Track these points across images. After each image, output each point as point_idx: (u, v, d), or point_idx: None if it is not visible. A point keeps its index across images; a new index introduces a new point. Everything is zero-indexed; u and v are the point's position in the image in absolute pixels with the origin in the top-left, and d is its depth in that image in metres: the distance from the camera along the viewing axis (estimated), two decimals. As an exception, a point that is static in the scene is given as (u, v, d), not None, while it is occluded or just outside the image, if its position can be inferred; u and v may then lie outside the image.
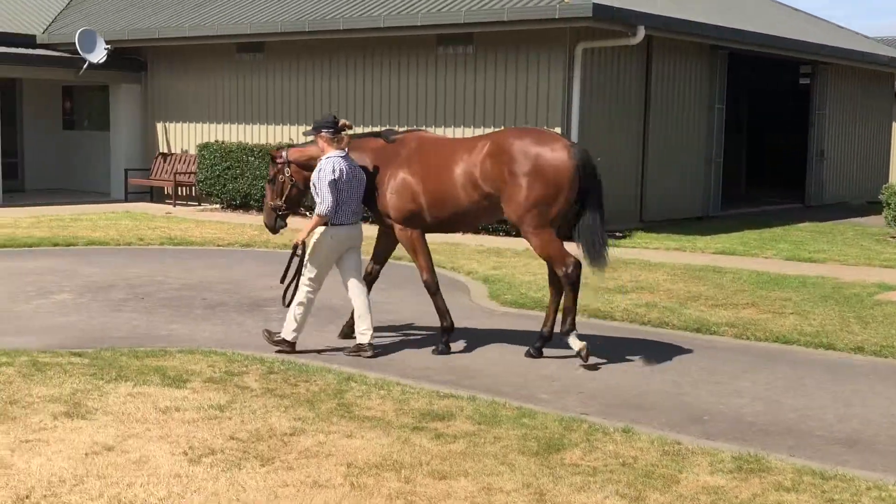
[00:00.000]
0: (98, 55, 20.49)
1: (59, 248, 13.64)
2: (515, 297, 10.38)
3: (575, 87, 15.93)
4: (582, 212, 7.71)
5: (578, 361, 7.77)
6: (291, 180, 8.24)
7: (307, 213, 7.98)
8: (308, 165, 8.10)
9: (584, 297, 8.66)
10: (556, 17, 15.03)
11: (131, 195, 21.32)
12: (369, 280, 8.46)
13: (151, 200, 21.27)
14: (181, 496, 4.74)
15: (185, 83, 21.17)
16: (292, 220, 9.14)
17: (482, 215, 8.16)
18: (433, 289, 8.19)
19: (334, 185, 7.65)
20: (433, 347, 8.11)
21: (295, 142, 18.65)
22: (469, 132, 17.09)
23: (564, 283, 7.79)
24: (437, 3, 16.70)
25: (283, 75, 19.54)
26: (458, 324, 9.12)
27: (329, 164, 7.71)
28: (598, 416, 6.32)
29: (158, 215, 18.23)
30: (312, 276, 7.89)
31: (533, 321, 9.38)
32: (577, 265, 7.74)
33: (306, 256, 7.84)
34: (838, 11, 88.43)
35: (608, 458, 5.46)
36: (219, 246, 14.29)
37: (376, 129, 17.17)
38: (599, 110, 16.68)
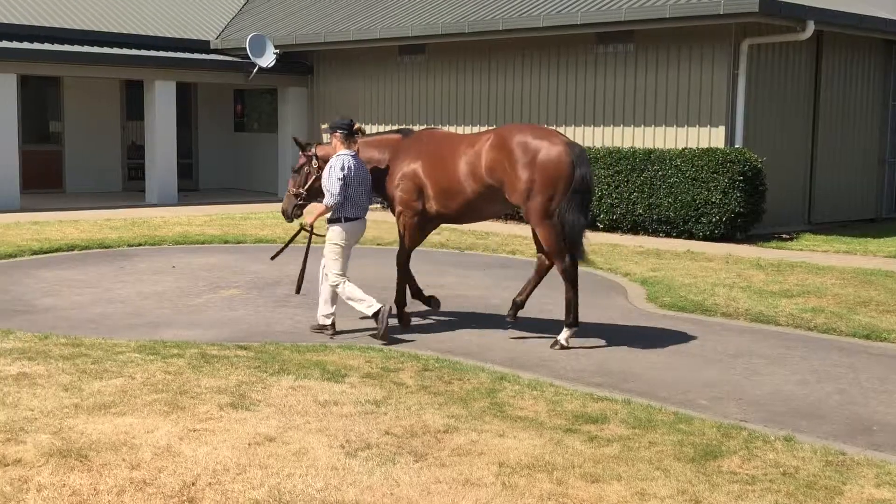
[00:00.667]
0: (267, 59, 21.26)
1: (229, 246, 14.21)
2: (675, 300, 10.18)
3: (740, 85, 15.49)
4: (569, 209, 7.97)
5: (740, 367, 7.57)
6: (317, 172, 8.85)
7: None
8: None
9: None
10: (721, 12, 14.64)
11: (297, 195, 21.99)
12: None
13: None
14: (338, 488, 4.85)
15: (348, 85, 21.70)
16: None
17: (485, 206, 8.54)
18: (402, 264, 8.99)
19: (343, 181, 8.23)
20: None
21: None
22: (629, 131, 16.88)
23: (564, 279, 8.17)
24: (597, 2, 16.54)
25: (443, 76, 19.77)
26: (614, 326, 9.03)
27: (339, 162, 8.30)
28: (759, 424, 6.13)
29: (322, 214, 18.72)
30: (338, 269, 8.50)
31: (693, 325, 9.18)
32: (575, 262, 8.14)
33: (325, 253, 8.56)
34: None
35: (768, 467, 5.28)
36: (378, 245, 14.57)
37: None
38: (766, 109, 16.16)
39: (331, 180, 8.28)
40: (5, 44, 18.89)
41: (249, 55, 21.09)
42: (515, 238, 15.35)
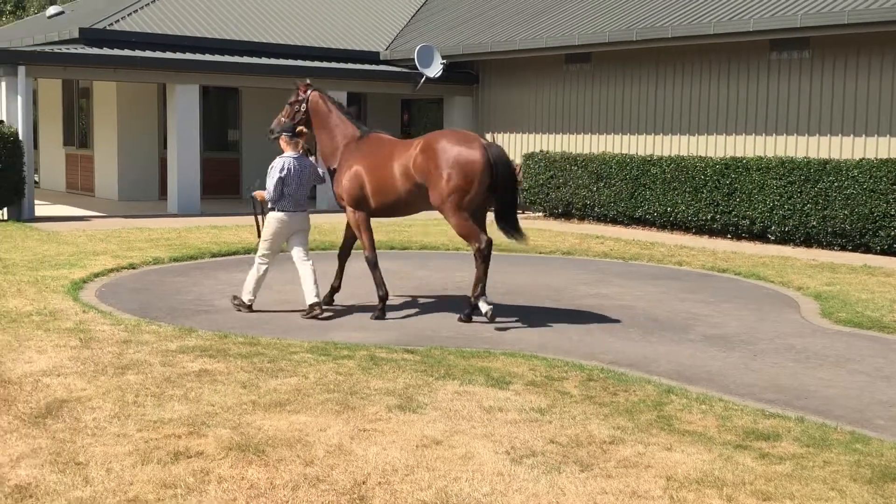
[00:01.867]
0: (434, 69, 21.62)
1: (395, 252, 14.52)
2: (850, 316, 9.78)
3: (924, 92, 14.78)
4: (497, 202, 9.17)
5: (921, 388, 7.23)
6: (303, 115, 9.98)
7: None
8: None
9: None
10: (904, 17, 14.01)
11: (460, 202, 22.27)
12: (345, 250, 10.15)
13: (479, 208, 22.09)
14: (503, 494, 4.90)
15: (513, 95, 21.82)
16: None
17: (416, 202, 9.51)
18: (373, 264, 9.70)
19: (280, 181, 9.32)
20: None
21: (620, 152, 18.72)
22: (803, 140, 16.34)
23: (477, 258, 9.15)
24: (770, 8, 16.10)
25: (609, 84, 19.64)
26: (786, 342, 8.76)
27: (281, 163, 9.42)
28: (943, 449, 5.82)
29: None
30: (265, 251, 9.55)
31: (870, 342, 8.81)
32: (489, 243, 9.16)
33: (261, 238, 9.60)
34: None
35: (954, 494, 5.02)
36: (540, 253, 14.59)
37: (701, 136, 16.91)
38: (952, 117, 15.34)
39: (270, 178, 9.39)
40: (189, 56, 19.90)
41: (417, 65, 21.50)
42: (682, 249, 15.08)
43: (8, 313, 9.03)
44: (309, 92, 10.12)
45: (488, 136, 22.45)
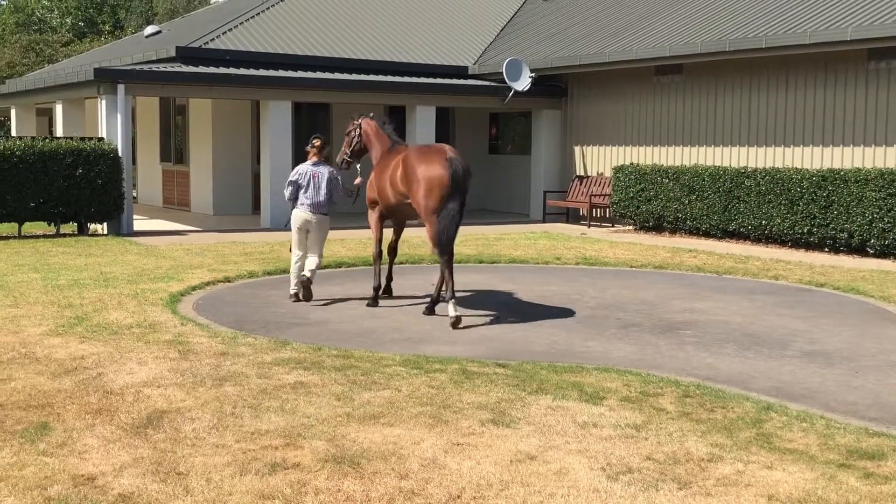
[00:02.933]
0: (523, 83, 21.61)
1: (484, 265, 14.52)
2: (957, 332, 9.45)
3: None
4: (442, 218, 9.92)
5: None
6: (358, 139, 11.57)
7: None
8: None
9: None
10: None
11: (549, 216, 22.20)
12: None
13: (567, 221, 22.00)
14: (599, 510, 4.84)
15: (602, 107, 21.68)
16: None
17: (407, 209, 10.63)
18: (375, 257, 11.22)
19: (294, 182, 11.09)
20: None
21: (713, 164, 18.43)
22: (903, 152, 15.88)
23: (443, 266, 9.98)
24: (868, 16, 15.71)
25: (701, 96, 19.38)
26: (889, 358, 8.50)
27: (296, 168, 11.28)
28: None
29: (574, 236, 18.80)
30: (292, 245, 11.28)
31: (978, 359, 8.49)
32: (452, 254, 10.03)
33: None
34: None
35: None
36: (632, 267, 14.44)
37: (785, 148, 16.56)
38: None
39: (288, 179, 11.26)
40: (281, 73, 20.26)
41: (505, 79, 21.53)
42: (778, 263, 14.76)
43: (109, 325, 9.29)
44: (360, 120, 11.55)
45: (577, 150, 22.34)
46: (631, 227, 20.23)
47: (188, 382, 7.16)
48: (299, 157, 22.85)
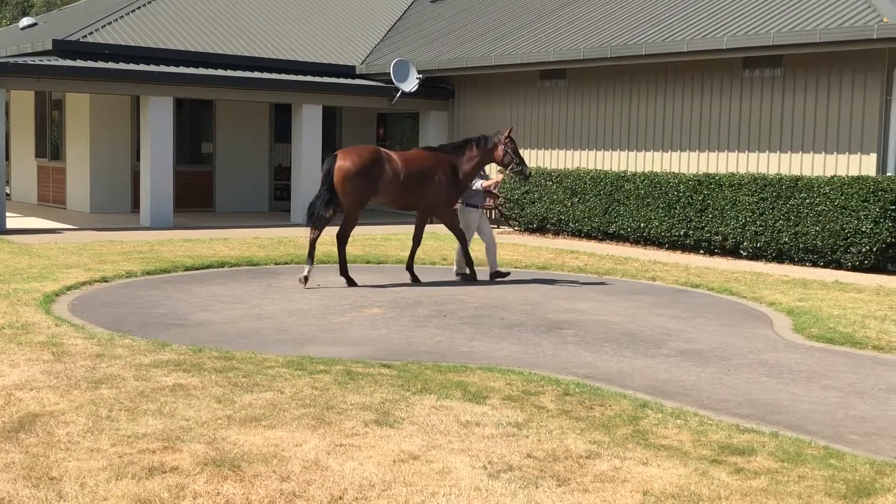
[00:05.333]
0: (410, 84, 21.66)
1: (371, 266, 14.50)
2: (823, 332, 9.87)
3: (893, 111, 14.99)
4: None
5: (894, 402, 7.30)
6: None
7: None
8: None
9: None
10: (874, 37, 14.22)
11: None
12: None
13: (454, 222, 22.10)
14: (480, 509, 4.89)
15: (488, 110, 21.90)
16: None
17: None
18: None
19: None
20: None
21: (595, 167, 18.80)
22: (775, 157, 16.49)
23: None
24: (743, 26, 16.27)
25: (584, 101, 19.76)
26: (759, 357, 8.82)
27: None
28: (916, 463, 5.88)
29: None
30: None
31: (843, 357, 8.89)
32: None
33: None
34: None
35: (927, 508, 5.07)
36: (516, 268, 14.62)
37: (678, 153, 17.01)
38: (921, 135, 15.54)
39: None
40: (163, 68, 19.83)
41: (393, 80, 21.54)
42: (656, 264, 15.16)
43: (-21, 326, 8.94)
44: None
45: (463, 151, 22.48)
46: (516, 229, 20.49)
47: (62, 385, 6.95)
48: (180, 155, 22.46)
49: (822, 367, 8.47)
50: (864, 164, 15.31)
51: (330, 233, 13.59)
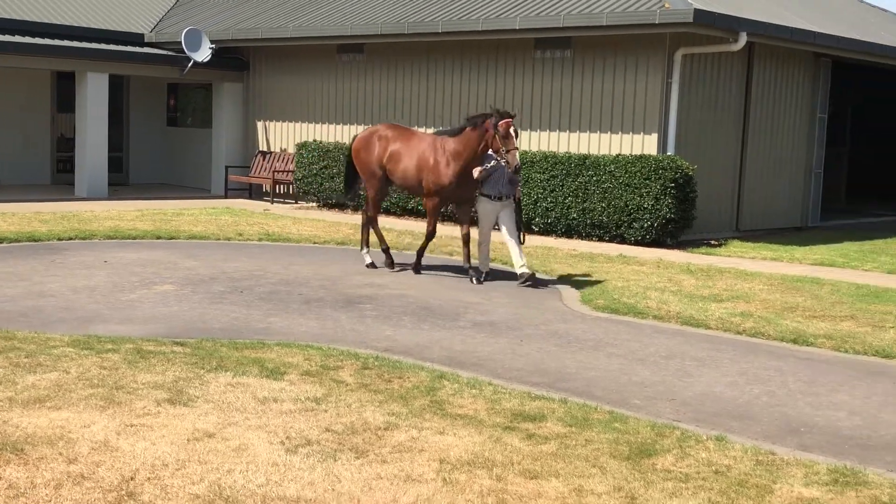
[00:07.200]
0: (203, 54, 21.04)
1: (162, 241, 14.05)
2: (608, 303, 10.35)
3: (673, 93, 15.79)
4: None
5: (672, 368, 7.75)
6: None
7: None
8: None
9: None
10: (657, 21, 14.91)
11: (231, 191, 21.83)
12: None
13: (250, 197, 21.74)
14: (278, 484, 4.86)
15: (285, 83, 21.58)
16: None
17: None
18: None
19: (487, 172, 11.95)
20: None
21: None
22: (565, 136, 17.08)
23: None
24: (536, 7, 16.71)
25: (381, 76, 19.78)
26: (549, 327, 9.16)
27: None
28: (691, 424, 6.28)
29: (257, 212, 18.63)
30: None
31: (626, 327, 9.35)
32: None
33: None
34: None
35: (700, 465, 5.42)
36: (315, 243, 14.55)
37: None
38: (698, 117, 16.49)
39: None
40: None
41: (185, 49, 20.85)
42: (454, 240, 15.42)
43: None
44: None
45: (259, 124, 22.12)
46: (314, 204, 20.35)
47: None
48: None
49: (607, 336, 8.89)
50: (646, 144, 16.08)
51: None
